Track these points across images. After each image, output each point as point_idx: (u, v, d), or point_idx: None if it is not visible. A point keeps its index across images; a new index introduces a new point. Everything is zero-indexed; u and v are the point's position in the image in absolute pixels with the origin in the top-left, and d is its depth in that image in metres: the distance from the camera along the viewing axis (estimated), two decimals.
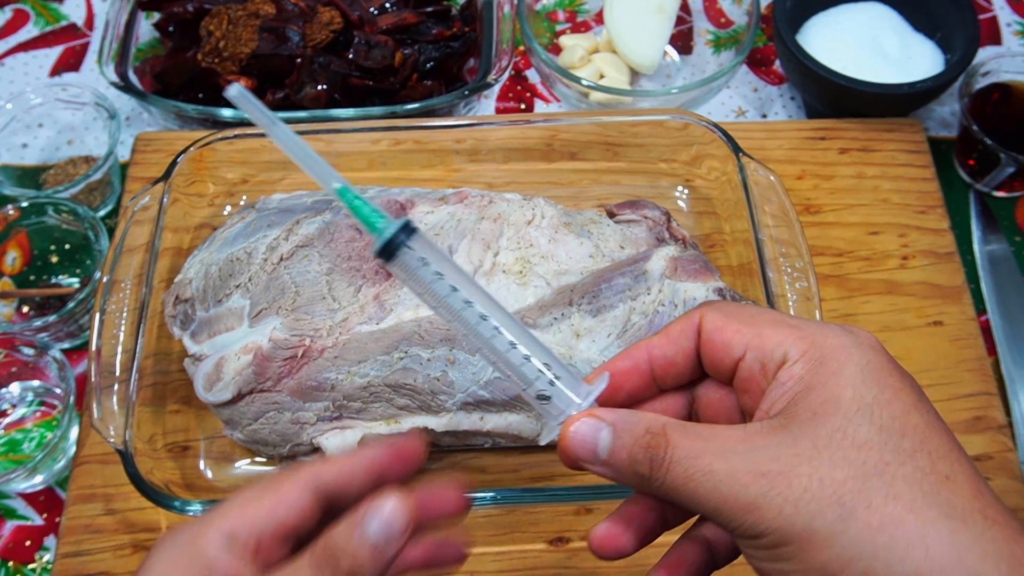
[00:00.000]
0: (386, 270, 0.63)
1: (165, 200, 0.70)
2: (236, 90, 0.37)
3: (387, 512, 0.36)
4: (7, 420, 0.72)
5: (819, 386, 0.33)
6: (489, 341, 0.37)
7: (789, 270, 0.67)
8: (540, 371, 0.37)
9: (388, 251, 0.37)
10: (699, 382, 0.40)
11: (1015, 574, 0.30)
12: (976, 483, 0.32)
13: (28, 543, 0.68)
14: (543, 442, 0.38)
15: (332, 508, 0.39)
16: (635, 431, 0.35)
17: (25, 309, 0.78)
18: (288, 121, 0.78)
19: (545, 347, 0.38)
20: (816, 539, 0.31)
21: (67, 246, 0.80)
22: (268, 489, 0.38)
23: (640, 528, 0.39)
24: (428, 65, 0.86)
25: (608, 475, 0.36)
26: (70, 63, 0.94)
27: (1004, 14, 0.96)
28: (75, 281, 0.79)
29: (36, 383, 0.73)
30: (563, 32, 0.94)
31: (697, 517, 0.39)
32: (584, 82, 0.81)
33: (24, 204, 0.77)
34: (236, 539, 0.36)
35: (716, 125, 0.73)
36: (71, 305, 0.72)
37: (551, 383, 0.37)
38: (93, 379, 0.63)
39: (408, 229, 0.37)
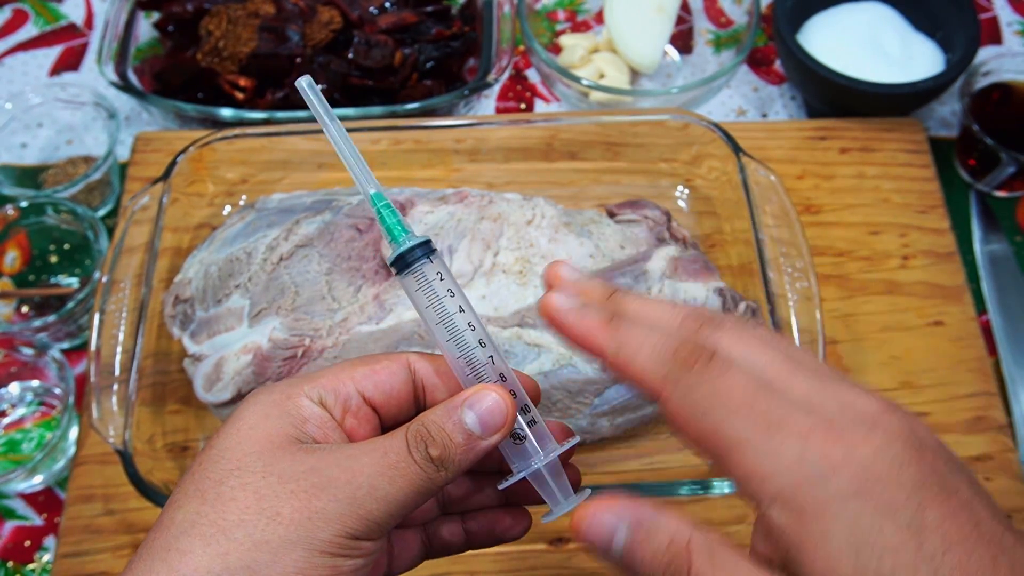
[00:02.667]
0: (386, 270, 0.63)
1: (164, 200, 0.70)
2: (306, 81, 0.39)
3: (488, 403, 0.36)
4: (7, 420, 0.72)
5: (811, 548, 0.29)
6: (483, 367, 0.37)
7: (789, 270, 0.67)
8: (523, 408, 0.38)
9: (401, 264, 0.38)
10: None
11: None
12: None
13: (28, 543, 0.68)
14: (545, 520, 0.38)
15: (420, 404, 0.39)
16: (655, 541, 0.31)
17: (24, 309, 0.78)
18: (288, 121, 0.79)
19: (525, 394, 0.39)
20: None
21: (66, 246, 0.80)
22: (363, 361, 0.38)
23: None
24: (428, 65, 0.86)
25: (620, 572, 0.34)
26: (69, 63, 0.94)
27: (1005, 14, 0.96)
28: (74, 281, 0.79)
29: (36, 383, 0.73)
30: (563, 32, 0.94)
31: None
32: (584, 82, 0.81)
33: (23, 204, 0.77)
34: (327, 400, 0.37)
35: (716, 125, 0.73)
36: (70, 305, 0.72)
37: (531, 423, 0.38)
38: (93, 379, 0.63)
39: (427, 248, 0.38)
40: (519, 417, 0.38)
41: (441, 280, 0.38)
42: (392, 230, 0.38)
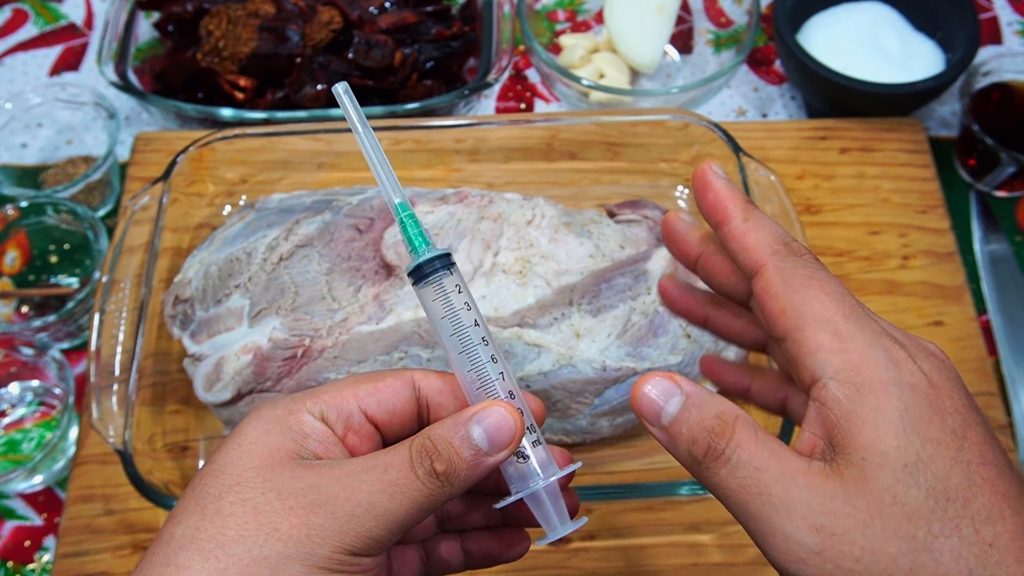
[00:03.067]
0: (386, 270, 0.63)
1: (164, 200, 0.70)
2: (342, 87, 0.39)
3: (496, 418, 0.35)
4: (7, 420, 0.72)
5: (860, 422, 0.31)
6: (492, 383, 0.37)
7: None
8: (529, 428, 0.38)
9: (419, 275, 0.38)
10: None
11: None
12: (1021, 540, 0.31)
13: (27, 543, 0.68)
14: (540, 544, 0.38)
15: (423, 422, 0.39)
16: (704, 411, 0.34)
17: (24, 309, 0.78)
18: (288, 121, 0.79)
19: (531, 414, 0.39)
20: None
21: (66, 246, 0.80)
22: (367, 378, 0.39)
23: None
24: (428, 65, 0.86)
25: (664, 442, 0.35)
26: (69, 63, 0.94)
27: (1005, 13, 0.96)
28: (74, 281, 0.79)
29: (35, 383, 0.73)
30: (563, 32, 0.94)
31: None
32: (584, 82, 0.81)
33: (23, 204, 0.77)
34: (329, 416, 0.37)
35: (716, 125, 0.73)
36: (70, 305, 0.72)
37: (535, 443, 0.38)
38: (92, 379, 0.63)
39: (447, 260, 0.38)
40: (530, 433, 0.37)
41: (459, 293, 0.38)
42: (413, 240, 0.38)
